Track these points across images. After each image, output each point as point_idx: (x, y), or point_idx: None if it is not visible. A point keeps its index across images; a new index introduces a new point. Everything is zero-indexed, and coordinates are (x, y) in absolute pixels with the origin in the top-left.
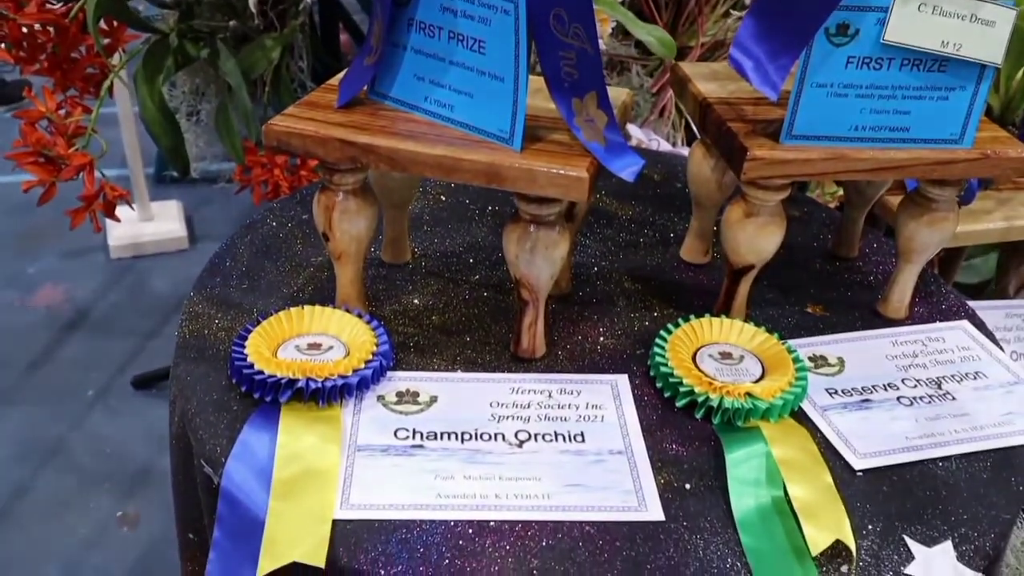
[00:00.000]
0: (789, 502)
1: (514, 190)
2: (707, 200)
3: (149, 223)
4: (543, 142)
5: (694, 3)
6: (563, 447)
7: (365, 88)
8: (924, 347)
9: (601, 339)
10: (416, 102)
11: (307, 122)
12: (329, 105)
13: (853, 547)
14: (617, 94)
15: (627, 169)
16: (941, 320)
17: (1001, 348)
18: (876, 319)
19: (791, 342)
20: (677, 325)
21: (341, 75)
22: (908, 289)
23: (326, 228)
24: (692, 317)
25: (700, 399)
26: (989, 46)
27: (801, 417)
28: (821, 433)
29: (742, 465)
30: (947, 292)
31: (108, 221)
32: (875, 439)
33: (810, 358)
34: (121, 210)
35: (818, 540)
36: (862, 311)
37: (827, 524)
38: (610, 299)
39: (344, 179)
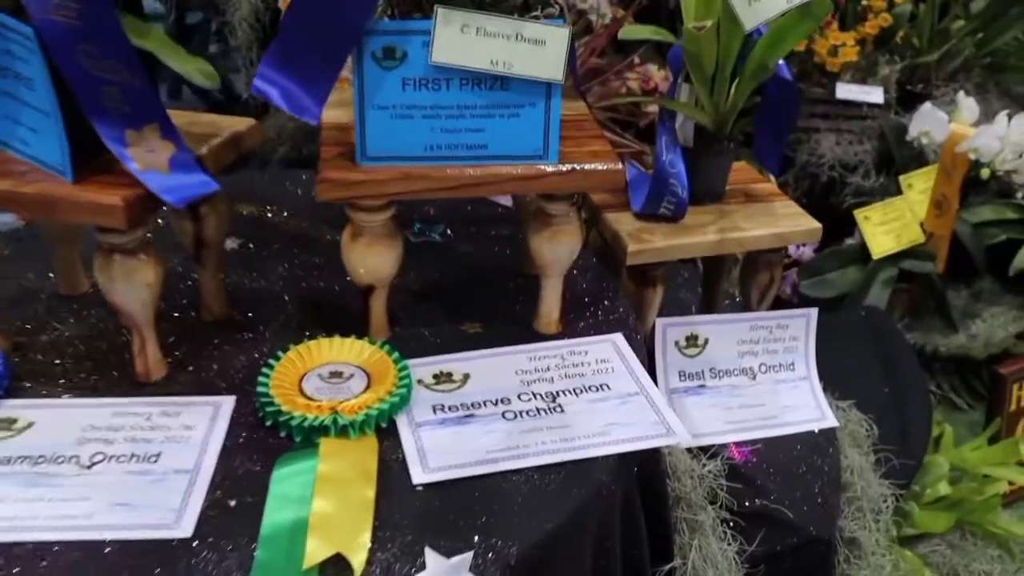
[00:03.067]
0: None
1: (66, 219)
2: None
3: None
4: (107, 173)
5: None
6: (134, 468)
7: None
8: (561, 361)
9: (234, 361)
10: (9, 141)
11: None
12: None
13: (356, 560)
14: (231, 123)
15: (174, 196)
16: (598, 333)
17: (643, 362)
18: (534, 334)
19: (420, 360)
20: (297, 344)
21: None
22: (554, 304)
23: None
24: (322, 336)
25: (283, 419)
26: (545, 64)
27: (390, 432)
28: (402, 448)
29: (286, 482)
30: (618, 305)
31: None
32: (454, 454)
33: (435, 375)
34: None
35: (316, 553)
36: (520, 327)
37: (337, 538)
38: (265, 323)
39: None
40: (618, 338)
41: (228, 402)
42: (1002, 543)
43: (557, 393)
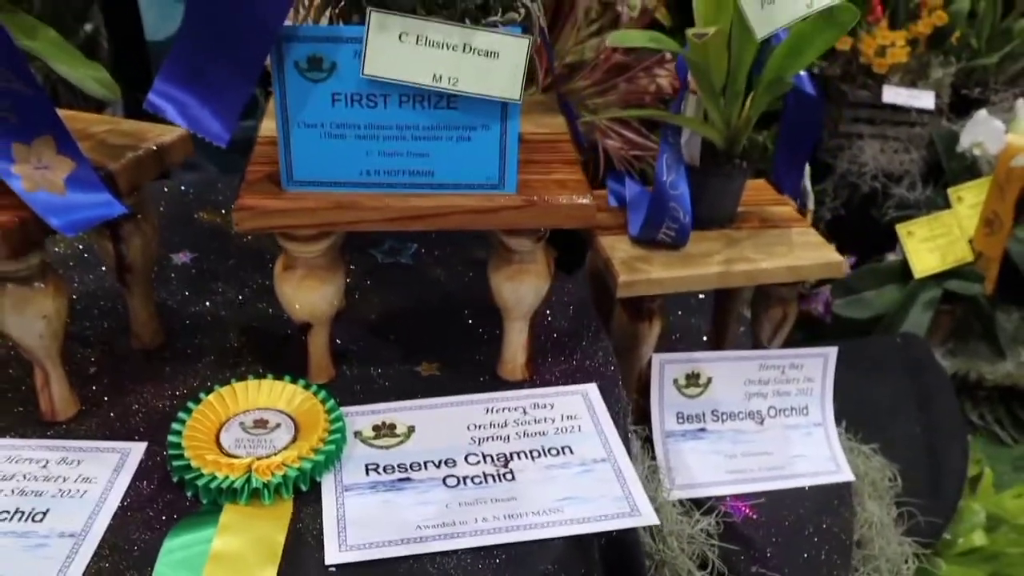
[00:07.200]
0: None
1: None
2: None
3: None
4: None
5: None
6: (15, 527)
7: None
8: (522, 415)
9: (156, 401)
10: None
11: None
12: None
13: None
14: (157, 133)
15: (63, 220)
16: (571, 382)
17: (619, 419)
18: (496, 380)
19: (362, 407)
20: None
21: None
22: (519, 348)
23: None
24: (251, 378)
25: (189, 476)
26: (498, 80)
27: (314, 495)
28: (323, 519)
29: (176, 554)
30: (598, 349)
31: None
32: (379, 528)
33: (376, 427)
34: None
35: None
36: (482, 371)
37: None
38: (200, 355)
39: None
40: (591, 390)
41: (137, 450)
42: None
43: (511, 455)
